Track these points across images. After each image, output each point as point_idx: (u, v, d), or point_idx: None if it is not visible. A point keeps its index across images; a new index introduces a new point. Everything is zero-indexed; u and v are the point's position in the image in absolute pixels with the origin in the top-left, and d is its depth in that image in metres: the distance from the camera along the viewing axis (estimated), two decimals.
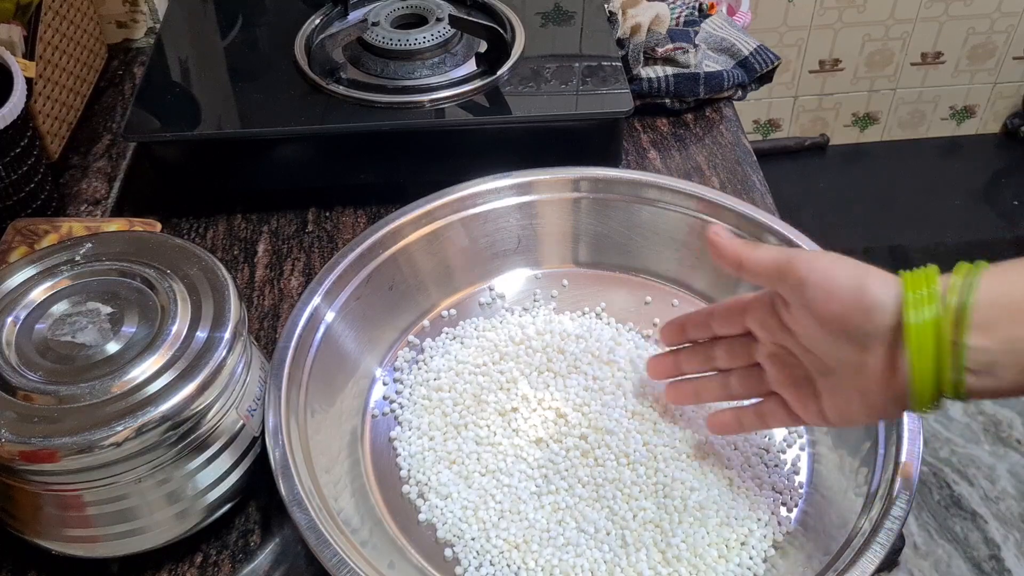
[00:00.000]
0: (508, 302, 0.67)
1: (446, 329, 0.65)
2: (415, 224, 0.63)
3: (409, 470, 0.56)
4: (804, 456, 0.57)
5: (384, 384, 0.61)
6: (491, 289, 0.67)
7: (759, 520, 0.53)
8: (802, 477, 0.56)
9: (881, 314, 0.41)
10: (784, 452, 0.57)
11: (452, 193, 0.65)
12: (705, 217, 0.64)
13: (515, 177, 0.66)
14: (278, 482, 0.48)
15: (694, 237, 0.64)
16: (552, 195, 0.66)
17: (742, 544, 0.52)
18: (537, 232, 0.67)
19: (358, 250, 0.61)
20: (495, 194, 0.66)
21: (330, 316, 0.58)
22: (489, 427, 0.58)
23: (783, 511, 0.54)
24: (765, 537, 0.53)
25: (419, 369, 0.62)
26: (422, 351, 0.63)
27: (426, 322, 0.65)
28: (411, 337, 0.64)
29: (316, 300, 0.58)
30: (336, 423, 0.57)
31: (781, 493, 0.55)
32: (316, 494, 0.49)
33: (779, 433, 0.58)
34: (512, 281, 0.68)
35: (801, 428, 0.58)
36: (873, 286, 0.42)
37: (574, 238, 0.68)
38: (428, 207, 0.64)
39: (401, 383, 0.61)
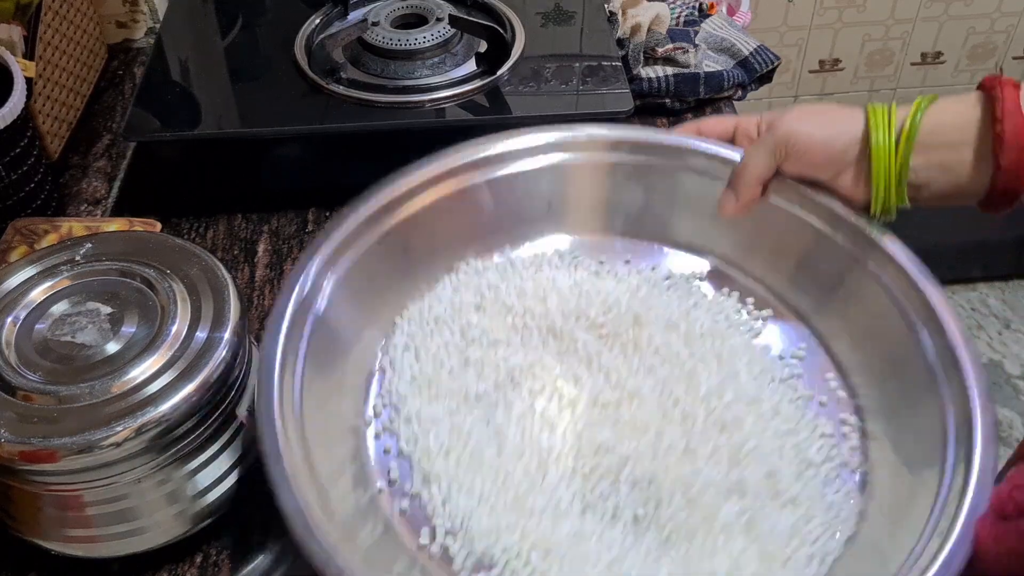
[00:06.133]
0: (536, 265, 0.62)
1: (460, 292, 0.60)
2: (434, 183, 0.59)
3: (411, 455, 0.52)
4: (857, 476, 0.52)
5: (385, 356, 0.57)
6: (511, 253, 0.63)
7: (807, 537, 0.48)
8: (856, 498, 0.51)
9: (853, 147, 0.53)
10: (837, 467, 0.52)
11: (477, 151, 0.60)
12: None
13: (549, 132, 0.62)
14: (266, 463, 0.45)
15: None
16: (588, 157, 0.62)
17: (786, 561, 0.47)
18: (569, 197, 0.63)
19: (364, 210, 0.56)
20: (525, 154, 0.61)
21: (330, 284, 0.54)
22: (506, 405, 0.53)
23: (834, 532, 0.49)
24: (813, 557, 0.48)
25: (426, 339, 0.57)
26: (433, 320, 0.59)
27: (441, 287, 0.60)
28: (418, 305, 0.59)
29: (317, 263, 0.53)
30: (336, 400, 0.53)
31: (832, 510, 0.50)
32: (308, 477, 0.46)
33: (833, 452, 0.53)
34: (542, 247, 0.63)
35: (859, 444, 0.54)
36: (845, 134, 0.53)
37: (610, 205, 0.63)
38: (450, 165, 0.59)
39: (408, 353, 0.57)
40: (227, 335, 0.50)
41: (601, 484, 0.50)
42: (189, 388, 0.47)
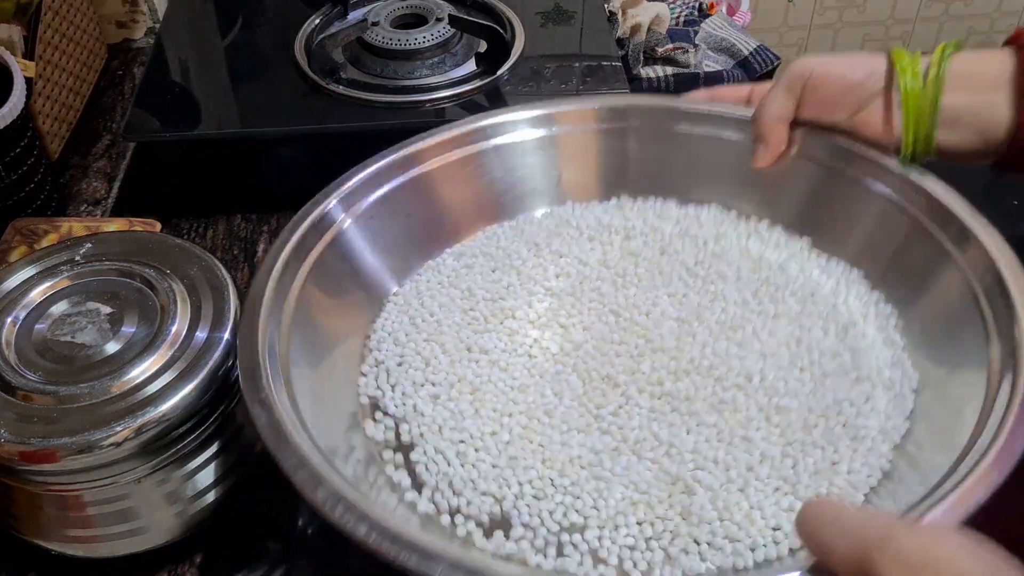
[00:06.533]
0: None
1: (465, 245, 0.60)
2: (444, 147, 0.59)
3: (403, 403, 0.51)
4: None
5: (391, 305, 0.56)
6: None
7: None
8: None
9: (874, 80, 0.51)
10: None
11: (484, 119, 0.60)
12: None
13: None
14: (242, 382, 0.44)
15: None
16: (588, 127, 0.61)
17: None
18: (580, 166, 0.62)
19: (378, 164, 0.57)
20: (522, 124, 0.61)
21: (346, 222, 0.55)
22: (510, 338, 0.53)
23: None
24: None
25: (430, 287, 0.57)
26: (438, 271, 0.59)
27: (449, 250, 0.60)
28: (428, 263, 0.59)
29: (332, 202, 0.54)
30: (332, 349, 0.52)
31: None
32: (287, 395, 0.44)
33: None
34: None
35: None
36: (864, 66, 0.52)
37: (620, 172, 0.62)
38: (460, 131, 0.60)
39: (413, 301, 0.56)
40: (227, 335, 0.50)
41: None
42: (189, 388, 0.47)
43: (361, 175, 0.57)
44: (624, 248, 0.59)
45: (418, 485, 0.47)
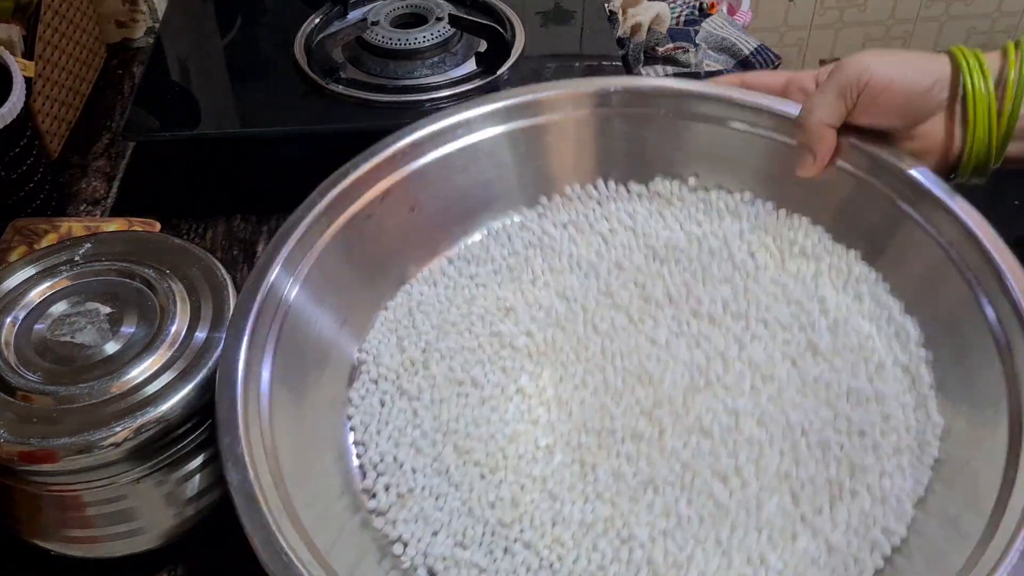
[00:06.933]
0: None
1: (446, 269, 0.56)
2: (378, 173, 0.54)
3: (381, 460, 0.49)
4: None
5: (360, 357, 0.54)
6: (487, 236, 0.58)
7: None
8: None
9: (939, 90, 0.48)
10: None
11: (429, 124, 0.55)
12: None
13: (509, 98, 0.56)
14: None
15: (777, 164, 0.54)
16: (569, 114, 0.56)
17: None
18: (548, 161, 0.57)
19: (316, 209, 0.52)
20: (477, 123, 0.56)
21: (293, 290, 0.50)
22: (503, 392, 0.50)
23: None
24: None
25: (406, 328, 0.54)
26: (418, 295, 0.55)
27: (424, 271, 0.56)
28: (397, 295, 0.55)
29: (274, 271, 0.49)
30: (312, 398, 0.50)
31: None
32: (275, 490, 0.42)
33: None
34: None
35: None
36: (930, 74, 0.48)
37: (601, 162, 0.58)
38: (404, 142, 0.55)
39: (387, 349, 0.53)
40: (226, 335, 0.50)
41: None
42: (188, 388, 0.47)
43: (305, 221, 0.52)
44: (623, 270, 0.55)
45: (402, 543, 0.46)
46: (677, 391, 0.48)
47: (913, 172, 0.50)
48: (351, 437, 0.51)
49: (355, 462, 0.50)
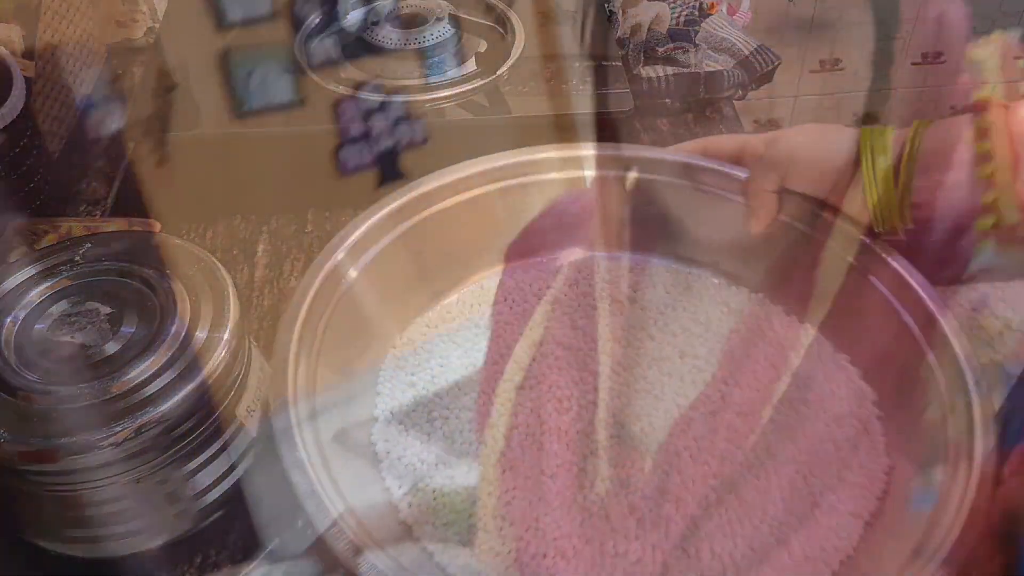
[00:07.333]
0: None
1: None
2: (451, 189, 0.59)
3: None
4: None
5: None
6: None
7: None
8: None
9: (850, 167, 0.54)
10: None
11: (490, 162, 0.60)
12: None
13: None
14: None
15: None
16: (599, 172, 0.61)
17: None
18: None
19: (385, 211, 0.57)
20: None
21: (353, 274, 0.54)
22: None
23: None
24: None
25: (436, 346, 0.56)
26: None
27: (456, 295, 0.60)
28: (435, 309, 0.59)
29: (339, 255, 0.54)
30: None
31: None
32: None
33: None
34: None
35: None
36: (842, 153, 0.54)
37: (622, 222, 0.62)
38: (465, 173, 0.59)
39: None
40: (226, 335, 0.50)
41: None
42: (189, 388, 0.47)
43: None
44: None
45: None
46: (672, 468, 0.51)
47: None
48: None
49: None
